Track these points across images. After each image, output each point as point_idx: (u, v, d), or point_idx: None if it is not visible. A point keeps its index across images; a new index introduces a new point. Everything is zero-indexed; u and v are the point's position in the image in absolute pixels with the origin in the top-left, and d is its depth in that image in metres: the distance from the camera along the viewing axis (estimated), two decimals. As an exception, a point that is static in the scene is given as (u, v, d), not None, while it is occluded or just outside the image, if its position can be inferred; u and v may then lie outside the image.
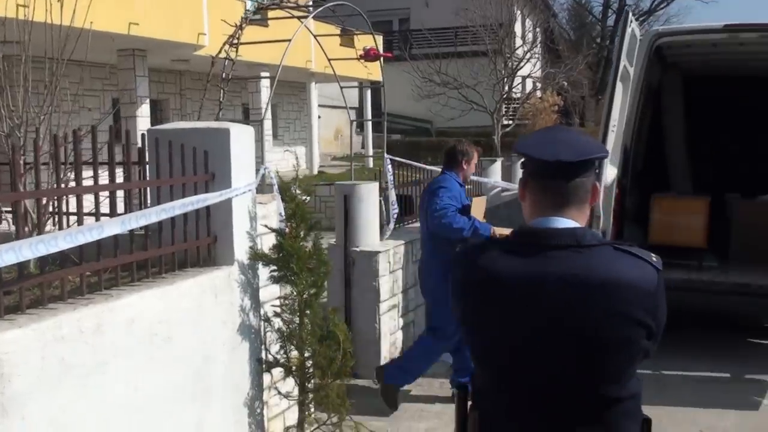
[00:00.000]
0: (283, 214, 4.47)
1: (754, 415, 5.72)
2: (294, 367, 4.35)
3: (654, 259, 1.95)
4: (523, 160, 2.06)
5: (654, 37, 7.09)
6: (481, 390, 2.06)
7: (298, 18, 9.87)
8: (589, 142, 2.01)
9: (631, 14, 6.31)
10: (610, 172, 6.66)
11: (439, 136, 28.43)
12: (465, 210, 5.42)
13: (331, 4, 10.49)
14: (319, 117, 24.06)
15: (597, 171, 2.06)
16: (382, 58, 12.82)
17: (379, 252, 6.25)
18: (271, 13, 12.18)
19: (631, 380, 1.97)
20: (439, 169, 8.51)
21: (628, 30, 6.08)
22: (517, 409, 1.97)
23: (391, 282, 6.48)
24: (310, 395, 4.41)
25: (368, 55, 11.28)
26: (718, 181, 8.67)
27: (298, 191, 4.41)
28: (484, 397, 2.05)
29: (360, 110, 26.79)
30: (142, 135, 3.85)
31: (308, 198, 4.59)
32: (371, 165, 20.57)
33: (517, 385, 1.96)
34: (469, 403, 2.11)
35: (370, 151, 23.14)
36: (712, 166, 9.08)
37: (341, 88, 12.10)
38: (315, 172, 22.06)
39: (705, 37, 7.54)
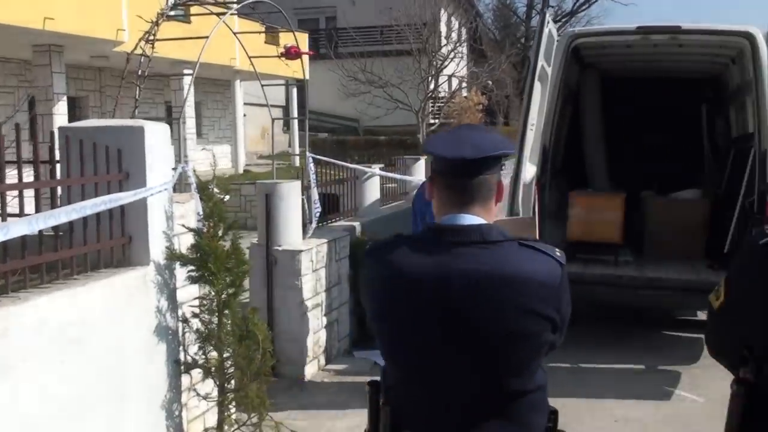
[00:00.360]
0: (201, 213, 4.41)
1: (666, 405, 5.91)
2: (213, 368, 4.30)
3: (558, 254, 2.00)
4: (431, 158, 2.09)
5: (571, 38, 7.26)
6: (392, 386, 2.07)
7: (217, 15, 9.73)
8: (493, 139, 2.04)
9: (548, 15, 6.45)
10: (529, 171, 6.78)
11: (366, 134, 28.47)
12: None
13: (252, 1, 10.37)
14: (244, 115, 23.78)
15: (503, 168, 2.09)
16: (305, 57, 12.72)
17: (302, 251, 6.22)
18: (193, 9, 11.97)
19: (536, 373, 2.00)
20: (365, 168, 8.57)
21: (546, 31, 6.20)
22: (426, 404, 1.99)
23: (314, 281, 6.46)
24: (230, 396, 4.36)
25: (289, 53, 11.20)
26: (634, 178, 8.93)
27: (216, 190, 4.36)
28: (395, 393, 2.06)
29: (286, 108, 26.59)
30: (51, 133, 3.75)
31: (227, 197, 4.54)
32: (297, 163, 20.44)
33: (426, 380, 1.98)
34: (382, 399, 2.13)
35: (297, 150, 22.98)
36: (629, 163, 9.35)
37: (263, 86, 11.98)
38: (240, 170, 21.82)
39: (619, 39, 7.76)
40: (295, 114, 25.02)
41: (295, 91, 25.42)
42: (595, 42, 7.89)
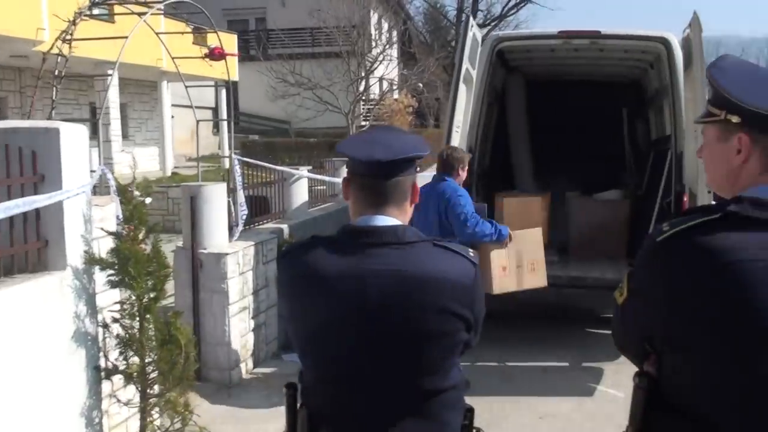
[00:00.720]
0: (120, 216, 4.32)
1: (589, 400, 6.04)
2: (135, 374, 4.22)
3: (471, 254, 2.03)
4: (347, 160, 2.09)
5: (495, 41, 7.36)
6: (309, 387, 2.07)
7: (139, 14, 9.55)
8: (407, 141, 2.06)
9: (471, 19, 6.51)
10: (455, 172, 6.85)
11: (297, 136, 28.32)
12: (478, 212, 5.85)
13: (175, 0, 10.22)
14: (172, 117, 23.38)
15: (417, 169, 2.11)
16: (231, 57, 12.54)
17: (227, 254, 6.15)
18: (116, 9, 11.70)
19: (451, 371, 2.02)
20: (292, 170, 8.53)
21: (469, 34, 6.27)
22: (343, 405, 1.99)
23: (240, 284, 6.40)
24: (152, 402, 4.29)
25: (213, 54, 11.07)
26: (560, 179, 9.12)
27: (136, 192, 4.28)
28: (312, 394, 2.06)
29: (216, 110, 26.26)
30: (-41, 134, 3.62)
31: (149, 199, 4.46)
32: (227, 165, 20.23)
33: (342, 380, 1.98)
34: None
35: (227, 152, 22.73)
36: (555, 165, 9.55)
37: (186, 87, 11.82)
38: (168, 173, 21.44)
39: (542, 43, 7.90)
40: (224, 115, 24.73)
41: (224, 92, 25.14)
42: (519, 46, 8.03)
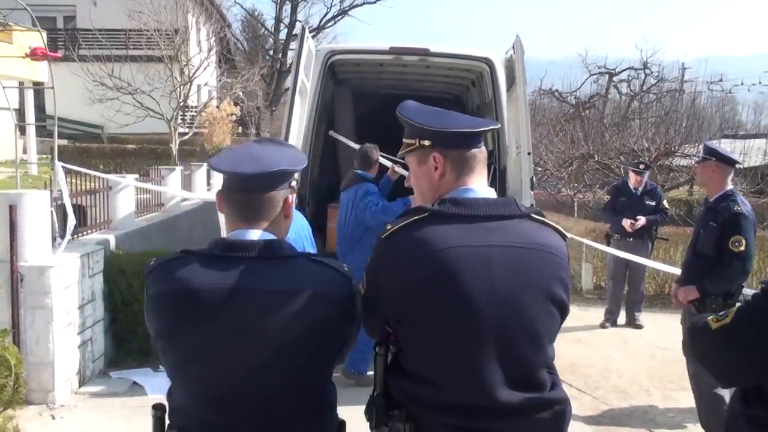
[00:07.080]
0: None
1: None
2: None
3: (346, 269, 2.08)
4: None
5: (328, 54, 7.41)
6: (179, 407, 2.02)
7: None
8: (281, 155, 2.07)
9: (307, 30, 6.54)
10: (289, 183, 6.86)
11: (111, 142, 27.03)
12: None
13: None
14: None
15: (292, 184, 2.13)
16: (43, 58, 11.72)
17: (51, 267, 5.82)
18: None
19: (327, 385, 2.07)
20: (119, 178, 8.19)
21: (306, 45, 6.30)
22: (218, 423, 1.97)
23: (65, 298, 6.07)
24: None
25: (34, 55, 10.39)
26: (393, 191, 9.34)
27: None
28: (183, 414, 2.01)
29: (21, 112, 24.52)
30: None
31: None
32: (35, 172, 18.96)
33: (217, 397, 1.95)
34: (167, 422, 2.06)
35: (34, 157, 21.27)
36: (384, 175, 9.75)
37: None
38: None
39: (373, 57, 8.07)
40: (32, 118, 23.16)
41: (31, 93, 23.55)
42: (350, 59, 8.16)
